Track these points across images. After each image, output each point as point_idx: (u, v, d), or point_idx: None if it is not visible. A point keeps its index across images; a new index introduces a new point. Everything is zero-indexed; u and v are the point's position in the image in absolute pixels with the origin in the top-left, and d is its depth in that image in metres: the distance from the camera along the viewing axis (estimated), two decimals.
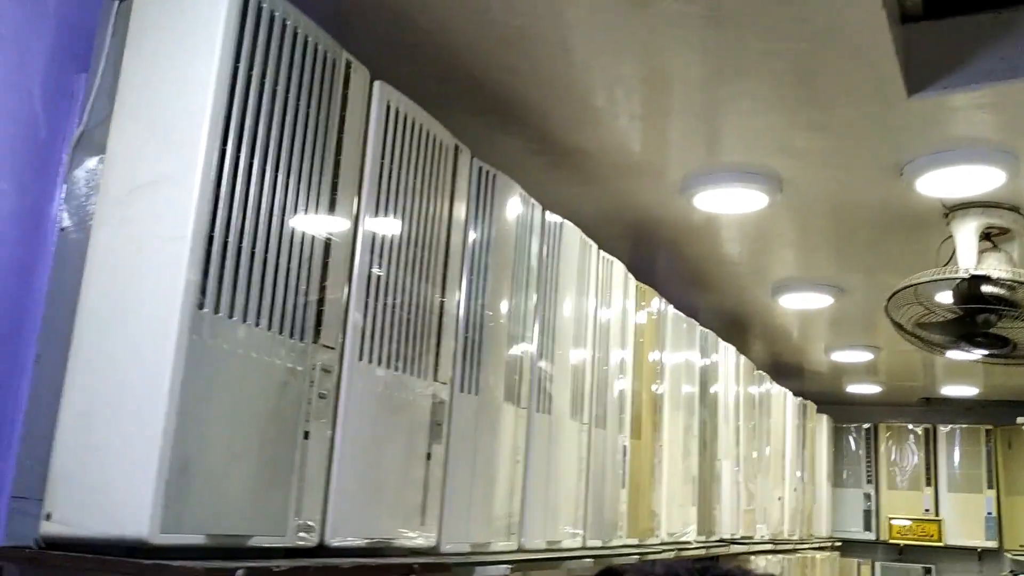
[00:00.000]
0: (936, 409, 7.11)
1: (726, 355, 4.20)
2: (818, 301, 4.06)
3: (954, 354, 3.05)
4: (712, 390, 3.93)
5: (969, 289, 2.72)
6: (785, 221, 3.08)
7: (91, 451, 1.29)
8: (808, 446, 5.92)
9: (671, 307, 3.44)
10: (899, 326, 3.01)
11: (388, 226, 1.72)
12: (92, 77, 1.48)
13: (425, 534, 1.82)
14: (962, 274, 2.67)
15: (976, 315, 2.78)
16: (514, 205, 2.26)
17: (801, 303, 4.10)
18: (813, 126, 2.37)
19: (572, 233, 2.57)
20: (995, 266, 2.71)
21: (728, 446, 4.13)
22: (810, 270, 3.74)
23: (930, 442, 7.01)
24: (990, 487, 6.79)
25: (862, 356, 5.27)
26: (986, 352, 2.90)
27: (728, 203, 2.83)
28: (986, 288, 2.76)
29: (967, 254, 2.73)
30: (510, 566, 2.07)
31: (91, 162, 1.44)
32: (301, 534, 1.49)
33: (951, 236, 2.88)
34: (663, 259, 3.67)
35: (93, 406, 1.30)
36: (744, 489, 4.35)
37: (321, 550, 1.53)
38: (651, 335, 3.23)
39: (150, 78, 1.39)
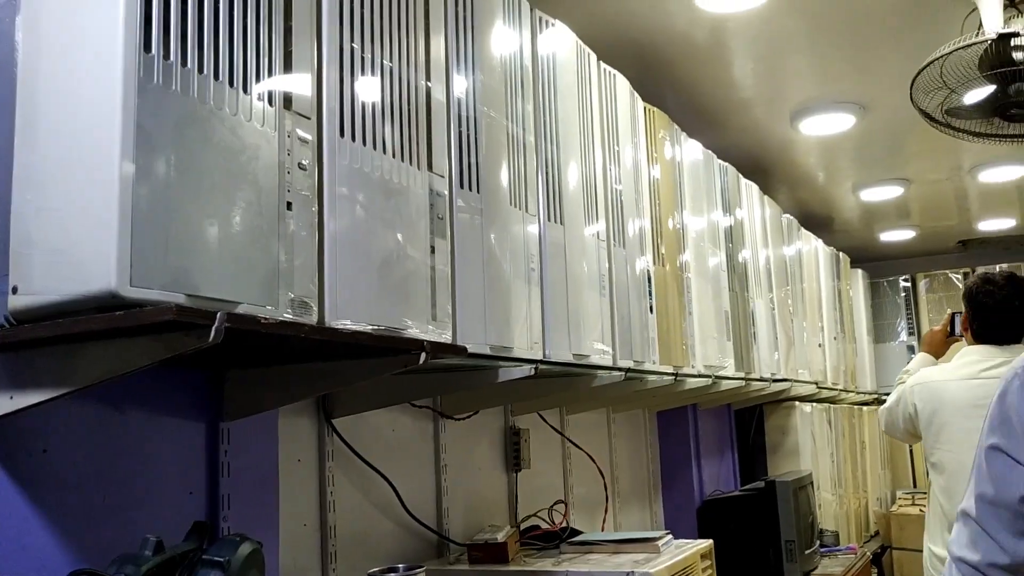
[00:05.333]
0: (974, 252, 6.93)
1: (749, 194, 4.04)
2: (840, 123, 3.86)
3: (988, 139, 2.87)
4: (737, 231, 3.79)
5: (998, 55, 2.54)
6: (794, 19, 2.90)
7: (49, 213, 1.19)
8: (844, 299, 5.78)
9: (684, 134, 3.28)
10: (927, 115, 2.84)
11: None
12: None
13: (439, 330, 1.73)
14: (990, 35, 2.48)
15: (1008, 85, 2.60)
16: None
17: (823, 127, 3.91)
18: None
19: (565, 36, 2.42)
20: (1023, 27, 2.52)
21: (760, 287, 4.01)
22: (828, 84, 3.54)
23: None
24: None
25: (892, 191, 5.07)
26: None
27: None
28: (1018, 55, 2.58)
29: (992, 18, 2.54)
30: (534, 366, 1.97)
31: None
32: (297, 309, 1.39)
33: (975, 8, 2.69)
34: (669, 91, 3.49)
35: (45, 164, 1.20)
36: (782, 332, 4.23)
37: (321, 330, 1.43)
38: (666, 164, 3.08)
39: None
